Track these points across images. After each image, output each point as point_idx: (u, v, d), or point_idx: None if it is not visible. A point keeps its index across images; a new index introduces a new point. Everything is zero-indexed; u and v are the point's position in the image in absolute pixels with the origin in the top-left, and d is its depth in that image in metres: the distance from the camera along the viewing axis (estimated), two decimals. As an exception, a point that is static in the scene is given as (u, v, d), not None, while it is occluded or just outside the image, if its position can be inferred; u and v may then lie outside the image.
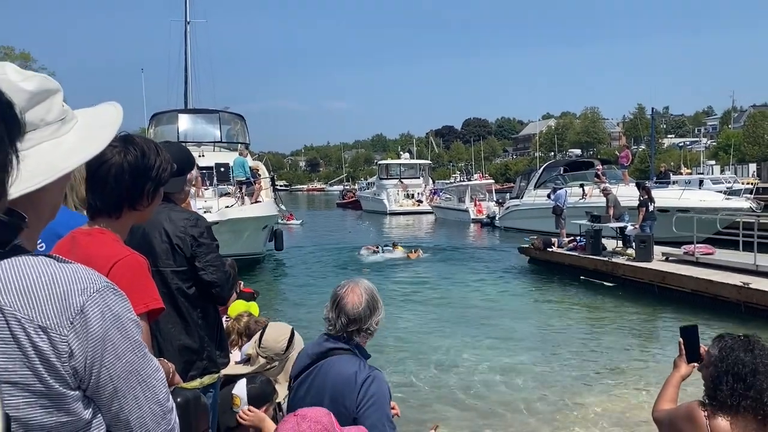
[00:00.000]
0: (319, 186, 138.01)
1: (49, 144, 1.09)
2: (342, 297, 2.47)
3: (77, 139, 1.14)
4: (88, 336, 1.03)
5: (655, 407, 2.57)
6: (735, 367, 2.24)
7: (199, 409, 1.80)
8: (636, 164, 53.62)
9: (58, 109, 1.13)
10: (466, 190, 39.11)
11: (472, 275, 16.72)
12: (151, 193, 1.92)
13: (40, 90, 1.09)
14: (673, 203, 18.90)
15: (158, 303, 1.85)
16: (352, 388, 2.33)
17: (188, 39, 34.92)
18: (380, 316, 2.50)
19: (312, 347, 2.54)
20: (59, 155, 1.09)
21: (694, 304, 11.23)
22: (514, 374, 7.96)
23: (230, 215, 15.44)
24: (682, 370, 2.58)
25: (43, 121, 1.09)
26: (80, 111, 1.23)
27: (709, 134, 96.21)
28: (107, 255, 1.80)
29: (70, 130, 1.14)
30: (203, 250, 2.79)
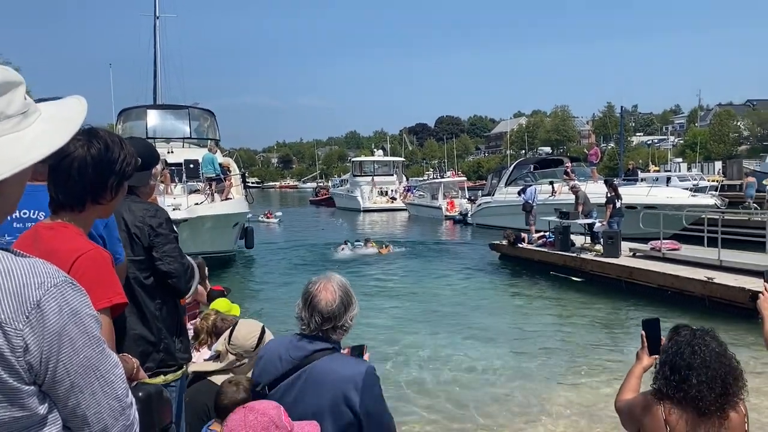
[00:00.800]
0: (291, 183, 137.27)
1: (8, 138, 1.07)
2: (314, 295, 2.35)
3: (39, 132, 1.12)
4: (45, 331, 1.02)
5: (617, 398, 2.63)
6: (674, 358, 2.32)
7: (161, 403, 1.79)
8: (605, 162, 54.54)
9: (19, 102, 1.10)
10: (439, 187, 39.31)
11: (443, 271, 16.82)
12: (115, 187, 1.89)
13: (1, 82, 1.07)
14: (640, 200, 19.21)
15: (122, 297, 1.84)
16: (356, 386, 2.25)
17: (158, 34, 34.53)
18: (355, 311, 2.40)
19: (290, 350, 2.36)
20: (20, 148, 1.07)
21: (660, 298, 11.44)
22: (484, 369, 8.03)
23: (199, 212, 15.27)
24: (644, 362, 2.65)
25: (3, 114, 1.07)
26: (43, 104, 1.20)
27: (677, 132, 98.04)
28: (70, 249, 1.77)
29: (32, 123, 1.12)
30: (161, 240, 2.77)
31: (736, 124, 71.96)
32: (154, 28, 34.66)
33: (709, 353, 2.26)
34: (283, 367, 2.34)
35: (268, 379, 2.37)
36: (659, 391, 2.34)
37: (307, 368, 2.31)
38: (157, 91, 33.58)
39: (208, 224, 15.58)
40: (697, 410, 2.24)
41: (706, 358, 2.25)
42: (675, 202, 18.99)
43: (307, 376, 2.30)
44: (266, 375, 2.39)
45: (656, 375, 2.40)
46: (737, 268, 11.23)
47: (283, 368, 2.34)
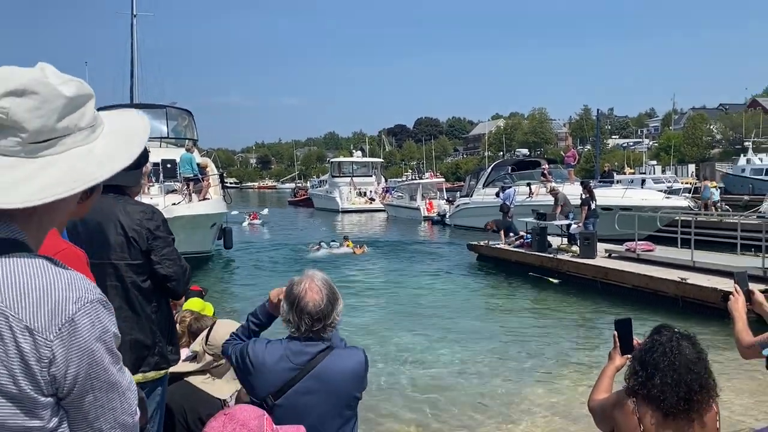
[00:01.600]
0: (270, 184, 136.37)
1: (80, 150, 1.10)
2: (301, 297, 2.31)
3: (107, 147, 1.14)
4: (74, 345, 1.03)
5: (591, 398, 2.65)
6: (645, 355, 2.34)
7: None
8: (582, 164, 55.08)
9: (90, 115, 1.13)
10: (417, 188, 39.42)
11: (421, 271, 16.88)
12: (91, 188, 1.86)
13: (78, 95, 1.09)
14: (615, 202, 19.48)
15: None
16: (363, 374, 2.40)
17: (134, 32, 34.24)
18: (341, 306, 2.42)
19: (291, 357, 2.32)
20: (93, 163, 1.10)
21: (635, 299, 11.60)
22: (461, 369, 8.07)
23: (177, 212, 15.12)
24: (616, 361, 2.66)
25: (77, 127, 1.09)
26: (103, 114, 1.22)
27: (651, 135, 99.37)
28: (43, 248, 1.76)
29: (98, 136, 1.14)
30: (159, 244, 2.75)
31: (709, 128, 73.13)
32: (131, 27, 34.42)
33: (680, 358, 2.25)
34: (287, 375, 2.30)
35: (271, 389, 2.30)
36: (632, 389, 2.36)
37: (314, 371, 2.30)
38: (134, 91, 33.30)
39: (185, 224, 15.46)
40: (660, 410, 2.25)
41: (675, 362, 2.24)
42: (649, 203, 19.29)
43: (316, 379, 2.30)
44: (268, 385, 2.31)
45: (627, 369, 2.43)
46: (710, 269, 11.45)
47: (288, 375, 2.30)
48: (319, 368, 2.31)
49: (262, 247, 22.93)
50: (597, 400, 2.59)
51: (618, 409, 2.37)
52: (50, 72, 1.08)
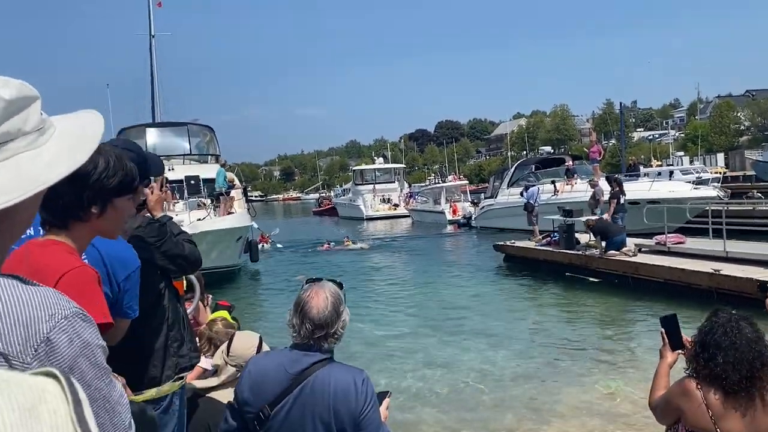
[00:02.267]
0: (294, 195, 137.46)
1: (26, 155, 1.02)
2: (306, 302, 2.31)
3: (58, 149, 1.07)
4: (54, 364, 0.99)
5: (650, 398, 2.69)
6: (706, 337, 2.41)
7: (144, 420, 1.74)
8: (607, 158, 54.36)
9: (36, 118, 1.05)
10: (441, 191, 39.27)
11: (448, 274, 16.79)
12: (95, 202, 1.79)
13: (18, 97, 1.02)
14: (643, 195, 19.17)
15: (106, 318, 1.77)
16: (354, 395, 2.25)
17: (153, 52, 34.78)
18: (345, 319, 2.36)
19: (287, 366, 2.30)
20: (39, 168, 1.02)
21: (667, 293, 11.36)
22: (492, 370, 7.96)
23: (202, 228, 15.26)
24: (668, 358, 2.70)
25: (20, 131, 1.02)
26: (57, 118, 1.15)
27: (677, 126, 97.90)
28: (56, 267, 1.74)
29: (48, 140, 1.07)
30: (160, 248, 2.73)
31: (737, 115, 71.77)
32: (150, 47, 34.92)
33: (740, 337, 2.34)
34: (282, 385, 2.28)
35: (266, 399, 2.29)
36: (694, 371, 2.43)
37: (306, 382, 2.27)
38: (155, 109, 33.80)
39: (211, 239, 15.57)
40: (722, 389, 2.32)
41: (736, 341, 2.33)
42: (677, 195, 18.95)
43: (307, 391, 2.26)
44: (263, 395, 2.30)
45: (689, 353, 2.50)
46: (743, 259, 11.17)
47: (283, 386, 2.28)
48: (312, 379, 2.27)
49: (288, 260, 23.04)
50: (658, 396, 2.62)
51: (682, 396, 2.42)
52: None
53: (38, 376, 0.61)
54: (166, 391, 2.60)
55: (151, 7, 34.78)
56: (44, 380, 0.61)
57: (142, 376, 2.53)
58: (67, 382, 0.62)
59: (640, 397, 6.54)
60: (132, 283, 2.20)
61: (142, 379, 2.52)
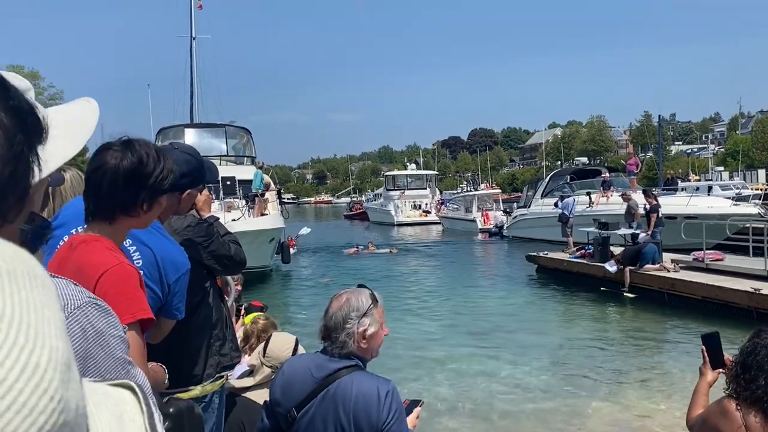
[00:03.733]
0: (326, 198, 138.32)
1: None
2: (330, 303, 2.39)
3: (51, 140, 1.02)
4: None
5: (688, 416, 2.63)
6: (748, 358, 2.34)
7: (192, 420, 1.77)
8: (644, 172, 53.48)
9: None
10: (473, 199, 39.06)
11: (479, 283, 16.69)
12: (147, 201, 1.86)
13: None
14: (680, 210, 18.79)
15: (147, 313, 1.80)
16: (376, 405, 2.21)
17: (194, 54, 35.36)
18: (353, 330, 2.31)
19: (313, 370, 2.33)
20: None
21: (704, 311, 11.12)
22: (522, 384, 7.88)
23: (237, 228, 15.43)
24: (708, 377, 2.64)
25: None
26: (52, 109, 1.15)
27: (717, 141, 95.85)
28: (97, 264, 1.78)
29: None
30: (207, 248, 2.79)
31: (779, 131, 69.97)
32: (191, 49, 35.53)
33: None
34: (308, 389, 2.30)
35: (294, 401, 2.32)
36: (734, 392, 2.36)
37: (331, 387, 2.28)
38: (193, 110, 34.34)
39: (244, 240, 15.73)
40: (763, 411, 2.25)
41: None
42: (716, 211, 18.51)
43: (330, 396, 2.27)
44: (292, 396, 2.33)
45: (730, 374, 2.43)
46: (785, 279, 10.87)
47: (308, 389, 2.30)
48: (336, 385, 2.28)
49: (321, 260, 23.17)
50: (695, 415, 2.57)
51: (721, 416, 2.36)
52: None
53: (117, 387, 0.66)
54: (210, 389, 2.64)
55: (193, 10, 35.44)
56: (123, 392, 0.66)
57: (184, 374, 2.57)
58: (142, 394, 0.66)
59: (674, 417, 6.42)
60: (181, 286, 2.25)
61: (183, 376, 2.56)
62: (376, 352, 2.45)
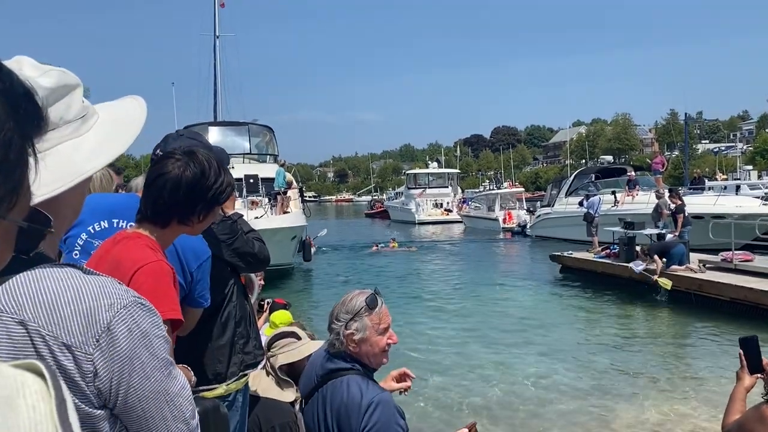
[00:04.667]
0: (347, 197, 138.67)
1: (69, 144, 1.02)
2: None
3: (99, 138, 1.07)
4: (114, 355, 0.99)
5: (724, 421, 2.57)
6: None
7: (218, 418, 1.76)
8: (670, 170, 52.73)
9: (78, 106, 1.06)
10: (495, 198, 38.83)
11: (502, 283, 16.55)
12: (204, 212, 1.89)
13: (58, 85, 1.02)
14: (707, 209, 18.46)
15: (176, 314, 1.79)
16: (356, 414, 2.19)
17: (217, 53, 35.59)
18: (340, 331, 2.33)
19: (317, 366, 2.44)
20: (81, 157, 1.03)
21: (733, 312, 10.90)
22: (546, 385, 7.79)
23: (259, 226, 15.51)
24: (745, 382, 2.56)
25: (63, 120, 1.02)
26: (101, 105, 1.16)
27: (745, 139, 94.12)
28: (134, 259, 1.78)
29: (91, 128, 1.07)
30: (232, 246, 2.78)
31: (811, 129, 68.53)
32: (214, 48, 35.77)
33: None
34: (312, 384, 2.44)
35: (304, 393, 2.51)
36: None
37: (324, 387, 2.34)
38: (217, 108, 34.61)
39: (267, 238, 15.79)
40: None
41: None
42: (745, 211, 18.15)
43: (322, 396, 2.34)
44: (303, 388, 2.54)
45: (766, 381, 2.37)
46: (817, 281, 10.61)
47: (312, 384, 2.43)
48: (327, 386, 2.33)
49: (343, 258, 23.23)
50: (731, 421, 2.50)
51: (759, 422, 2.30)
52: (27, 63, 1.00)
53: (18, 369, 0.57)
54: (234, 388, 2.63)
55: (216, 8, 35.67)
56: (23, 374, 0.57)
57: (207, 371, 2.57)
58: (52, 379, 0.58)
59: (701, 421, 6.29)
60: (203, 272, 2.26)
61: (208, 374, 2.56)
62: (377, 360, 2.39)
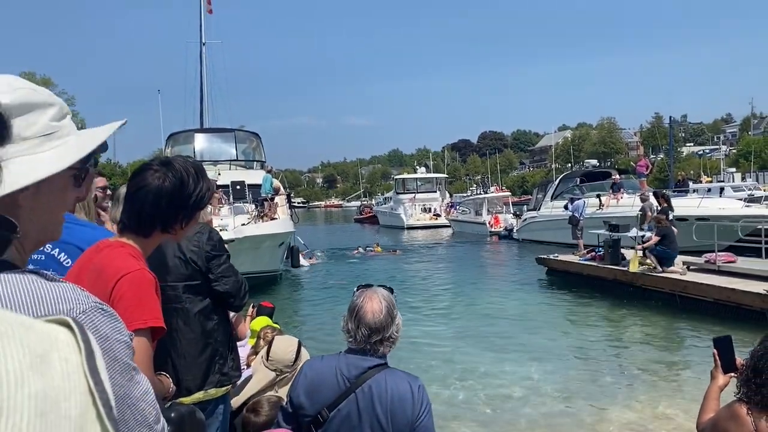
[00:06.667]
0: (336, 202, 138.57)
1: (22, 159, 1.03)
2: (360, 306, 2.34)
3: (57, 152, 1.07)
4: None
5: (699, 420, 2.61)
6: (758, 362, 2.32)
7: (194, 424, 1.76)
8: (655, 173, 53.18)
9: (42, 125, 1.06)
10: (482, 202, 38.97)
11: (488, 285, 16.63)
12: (186, 219, 1.93)
13: (19, 103, 1.03)
14: (691, 212, 18.65)
15: (159, 322, 1.80)
16: (411, 402, 2.29)
17: (204, 60, 35.53)
18: (398, 323, 2.40)
19: (343, 370, 2.33)
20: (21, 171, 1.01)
21: (716, 313, 11.02)
22: (532, 387, 7.83)
23: (246, 232, 15.51)
24: (719, 381, 2.62)
25: (18, 136, 1.02)
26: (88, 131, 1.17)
27: (729, 142, 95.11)
28: (117, 268, 1.79)
29: (54, 147, 1.07)
30: (216, 263, 2.81)
31: (793, 131, 69.42)
32: (200, 55, 35.70)
33: None
34: (340, 388, 2.32)
35: (324, 402, 2.32)
36: (745, 396, 2.35)
37: (364, 386, 2.30)
38: (203, 115, 34.49)
39: (254, 244, 15.79)
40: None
41: None
42: (728, 213, 18.37)
43: (363, 395, 2.29)
44: (320, 398, 2.33)
45: (740, 377, 2.42)
46: (798, 281, 10.75)
47: (340, 390, 2.31)
48: (369, 384, 2.30)
49: (329, 266, 23.20)
50: (706, 419, 2.55)
51: (731, 420, 2.34)
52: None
53: (51, 324, 0.60)
54: (213, 395, 2.65)
55: (203, 15, 35.63)
56: (57, 328, 0.60)
57: (182, 386, 2.59)
58: (81, 332, 0.60)
59: (683, 421, 6.36)
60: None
61: (182, 389, 2.58)
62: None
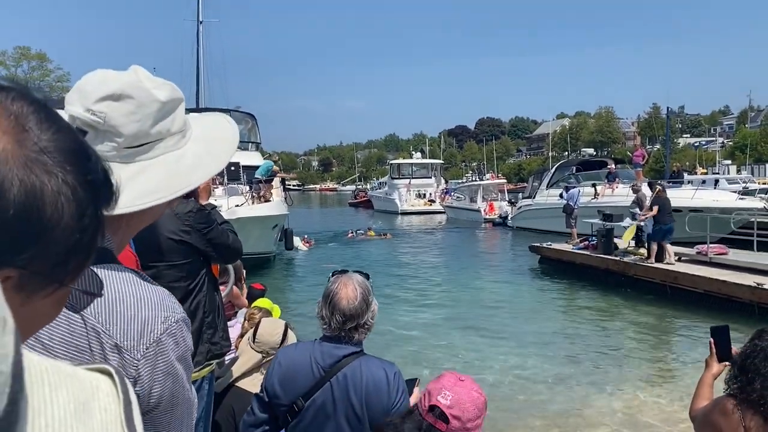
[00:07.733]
0: (331, 186, 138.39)
1: (171, 155, 1.09)
2: (335, 293, 2.29)
3: (198, 152, 1.14)
4: (158, 365, 1.03)
5: (692, 407, 2.63)
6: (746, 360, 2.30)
7: None
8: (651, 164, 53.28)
9: (181, 120, 1.12)
10: (478, 189, 38.89)
11: (481, 273, 16.66)
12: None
13: (170, 99, 1.08)
14: (685, 203, 18.67)
15: None
16: (386, 389, 2.28)
17: (200, 38, 35.23)
18: (374, 309, 2.34)
19: (318, 358, 2.29)
20: (185, 169, 1.09)
21: (706, 304, 11.07)
22: (522, 375, 7.88)
23: (240, 214, 15.46)
24: (713, 369, 2.64)
25: (169, 132, 1.09)
26: (192, 117, 1.22)
27: (725, 134, 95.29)
28: None
29: (188, 140, 1.14)
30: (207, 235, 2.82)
31: (789, 125, 69.54)
32: (197, 33, 35.40)
33: None
34: (314, 378, 2.28)
35: (299, 391, 2.28)
36: (732, 390, 2.34)
37: (339, 375, 2.27)
38: (199, 95, 34.30)
39: (248, 226, 15.75)
40: (762, 414, 2.23)
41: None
42: (721, 205, 18.40)
43: (338, 384, 2.26)
44: (294, 387, 2.29)
45: (728, 373, 2.42)
46: (789, 274, 10.80)
47: (315, 378, 2.28)
48: (345, 372, 2.27)
49: (322, 249, 23.23)
50: (699, 407, 2.57)
51: (720, 415, 2.35)
52: (143, 75, 1.07)
53: (93, 372, 0.61)
54: (197, 376, 2.65)
55: (200, -8, 35.24)
56: (98, 377, 0.61)
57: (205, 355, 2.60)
58: (120, 382, 0.62)
59: (673, 409, 6.41)
60: None
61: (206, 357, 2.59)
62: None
